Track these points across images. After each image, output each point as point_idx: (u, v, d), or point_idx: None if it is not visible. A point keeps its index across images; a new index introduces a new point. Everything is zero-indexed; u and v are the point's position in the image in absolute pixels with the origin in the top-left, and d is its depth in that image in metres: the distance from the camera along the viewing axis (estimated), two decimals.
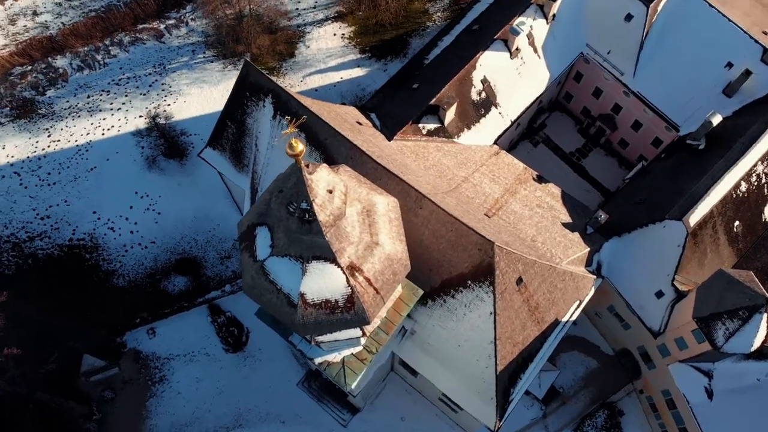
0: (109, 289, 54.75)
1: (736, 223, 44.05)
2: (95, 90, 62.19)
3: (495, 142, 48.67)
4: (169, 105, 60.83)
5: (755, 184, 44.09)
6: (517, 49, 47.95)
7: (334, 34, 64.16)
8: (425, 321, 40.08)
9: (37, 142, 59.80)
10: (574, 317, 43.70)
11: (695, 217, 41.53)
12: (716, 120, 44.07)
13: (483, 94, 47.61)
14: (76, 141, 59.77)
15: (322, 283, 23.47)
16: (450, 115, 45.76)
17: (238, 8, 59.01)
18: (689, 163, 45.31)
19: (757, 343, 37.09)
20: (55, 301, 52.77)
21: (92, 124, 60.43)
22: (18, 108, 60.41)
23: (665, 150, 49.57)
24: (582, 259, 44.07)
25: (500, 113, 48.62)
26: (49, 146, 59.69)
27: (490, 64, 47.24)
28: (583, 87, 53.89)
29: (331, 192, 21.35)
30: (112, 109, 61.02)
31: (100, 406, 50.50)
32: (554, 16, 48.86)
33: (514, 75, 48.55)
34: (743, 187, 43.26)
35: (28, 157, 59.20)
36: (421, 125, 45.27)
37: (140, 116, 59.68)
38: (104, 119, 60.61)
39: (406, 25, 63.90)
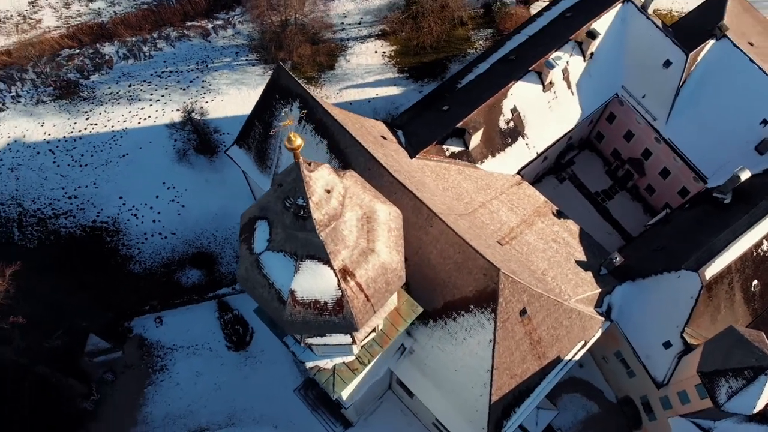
0: (124, 274, 55.67)
1: (755, 282, 43.03)
2: (137, 80, 63.82)
3: (518, 173, 48.51)
4: (206, 102, 62.06)
5: None
6: (550, 82, 47.95)
7: (375, 52, 64.93)
8: (425, 341, 39.88)
9: (75, 123, 61.46)
10: (577, 357, 43.01)
11: (712, 270, 40.70)
12: (745, 175, 43.33)
13: (511, 124, 47.61)
14: (112, 127, 61.29)
15: (313, 282, 23.62)
16: (475, 140, 45.83)
17: (284, 16, 60.17)
18: (713, 216, 44.54)
19: (761, 405, 36.00)
20: (70, 279, 53.82)
21: (130, 112, 61.93)
22: (61, 89, 62.26)
23: (690, 200, 48.82)
24: (592, 300, 43.48)
25: (527, 144, 48.52)
26: (85, 129, 61.29)
27: (521, 95, 47.28)
28: (615, 128, 53.53)
29: (329, 192, 21.57)
30: (151, 100, 62.48)
31: (99, 387, 51.15)
32: (592, 54, 48.78)
33: (545, 108, 48.48)
34: (765, 246, 42.30)
35: (64, 137, 60.85)
36: (445, 147, 45.41)
37: (177, 110, 60.94)
38: (142, 109, 62.08)
39: (447, 50, 64.37)
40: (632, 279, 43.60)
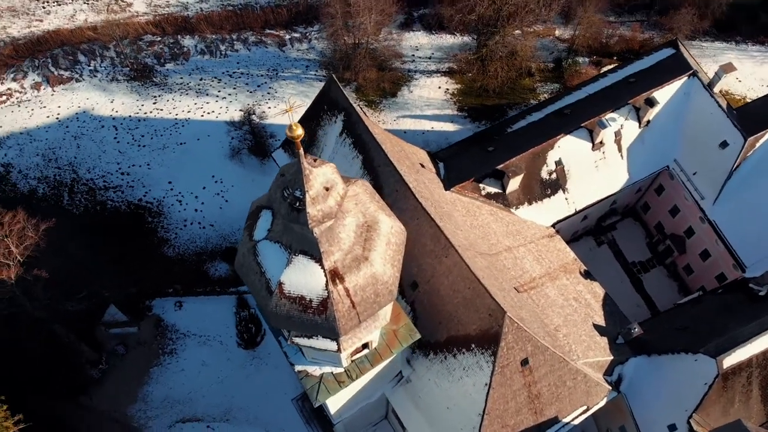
0: (157, 255, 57.38)
1: None
2: (209, 75, 66.45)
3: (553, 225, 47.99)
4: (269, 108, 63.94)
5: None
6: (601, 142, 47.57)
7: (439, 87, 65.79)
8: (423, 372, 39.56)
9: (142, 105, 64.29)
10: (576, 421, 41.70)
11: (731, 360, 39.07)
12: None
13: (553, 175, 47.32)
14: (176, 115, 63.79)
15: (302, 278, 23.96)
16: (513, 184, 45.72)
17: (357, 39, 61.78)
18: (744, 306, 42.91)
19: None
20: (104, 249, 55.81)
21: (195, 104, 64.38)
22: (136, 71, 65.39)
23: (725, 285, 47.16)
24: (602, 366, 42.26)
25: (566, 199, 48.06)
26: (151, 112, 63.99)
27: (569, 149, 47.05)
28: (662, 201, 52.42)
29: (327, 190, 21.98)
30: (217, 97, 64.85)
31: (109, 358, 52.43)
32: (648, 122, 48.23)
33: (591, 167, 48.03)
34: None
35: (130, 116, 63.66)
36: (482, 185, 45.46)
37: (240, 110, 62.98)
38: (207, 103, 64.47)
39: (510, 97, 64.65)
40: (648, 353, 42.23)
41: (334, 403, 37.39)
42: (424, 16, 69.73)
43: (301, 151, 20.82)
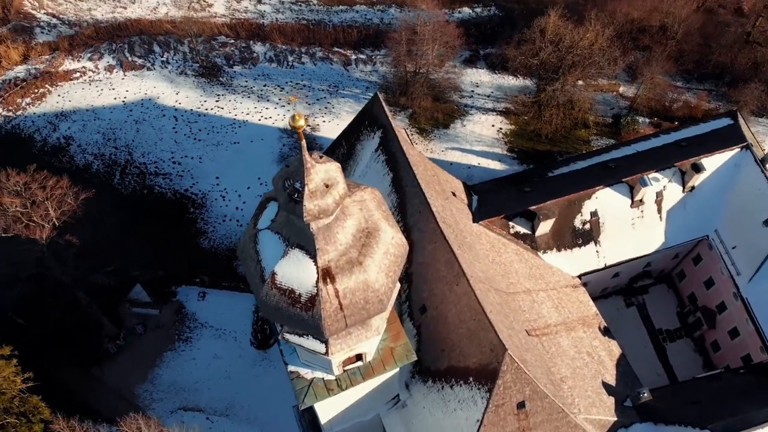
0: (192, 245, 59.00)
1: None
2: (273, 82, 68.56)
3: (579, 277, 47.17)
4: (324, 121, 65.42)
5: None
6: (641, 200, 46.74)
7: (493, 125, 65.95)
8: (419, 399, 39.20)
9: (205, 101, 66.74)
10: None
11: None
12: None
13: (587, 226, 46.66)
14: (235, 115, 65.92)
15: (295, 272, 24.35)
16: (544, 227, 45.29)
17: (418, 67, 62.77)
18: (764, 390, 41.05)
19: None
20: (142, 230, 57.76)
21: (255, 107, 66.45)
22: (205, 68, 68.09)
23: (750, 367, 45.23)
24: (604, 426, 40.87)
25: (597, 252, 47.25)
26: (212, 109, 66.35)
27: (606, 201, 46.39)
28: (698, 271, 50.86)
29: (327, 187, 22.43)
30: (277, 104, 66.77)
31: (127, 335, 53.89)
32: (693, 188, 47.16)
33: (627, 223, 47.16)
34: None
35: (191, 109, 66.16)
36: (511, 224, 45.21)
37: None
38: (266, 108, 66.43)
39: (562, 145, 64.25)
40: (655, 421, 40.68)
41: (325, 412, 37.37)
42: (489, 55, 70.35)
43: (303, 142, 21.42)
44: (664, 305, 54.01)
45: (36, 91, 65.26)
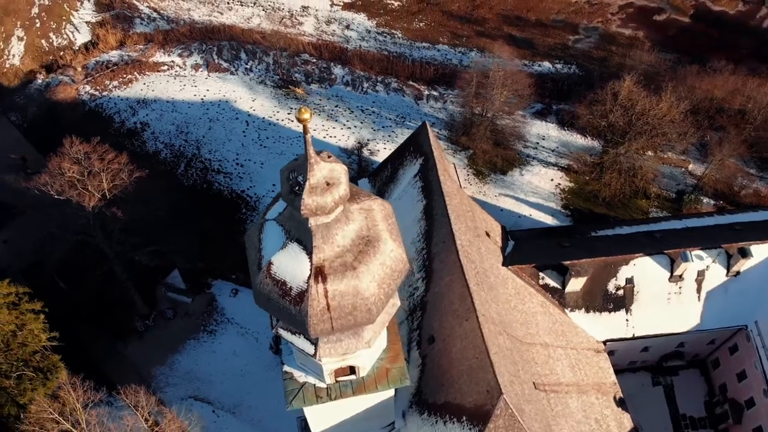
0: (237, 243, 60.68)
1: None
2: (344, 105, 70.54)
3: (605, 342, 45.82)
4: (384, 148, 66.59)
5: None
6: (680, 276, 45.18)
7: (551, 180, 65.42)
8: (413, 430, 38.76)
9: (278, 112, 69.32)
10: None
11: None
12: None
13: (620, 292, 45.43)
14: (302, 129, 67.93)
15: (289, 265, 24.91)
16: (575, 285, 44.39)
17: (485, 110, 63.28)
18: None
19: None
20: (192, 220, 60.01)
21: (323, 125, 68.44)
22: (284, 81, 70.86)
23: None
24: None
25: (627, 320, 45.84)
26: (282, 120, 68.81)
27: (644, 271, 45.09)
28: (733, 361, 48.38)
29: (328, 185, 23.02)
30: (344, 125, 68.56)
31: (157, 317, 55.75)
32: (737, 273, 45.28)
33: (663, 297, 45.62)
34: None
35: (263, 117, 68.82)
36: (542, 274, 44.58)
37: (357, 141, 66.25)
38: (333, 128, 68.31)
39: (619, 211, 62.94)
40: None
41: (317, 424, 37.46)
42: (561, 111, 70.15)
43: (308, 136, 22.17)
44: (692, 391, 51.52)
45: (124, 76, 69.53)
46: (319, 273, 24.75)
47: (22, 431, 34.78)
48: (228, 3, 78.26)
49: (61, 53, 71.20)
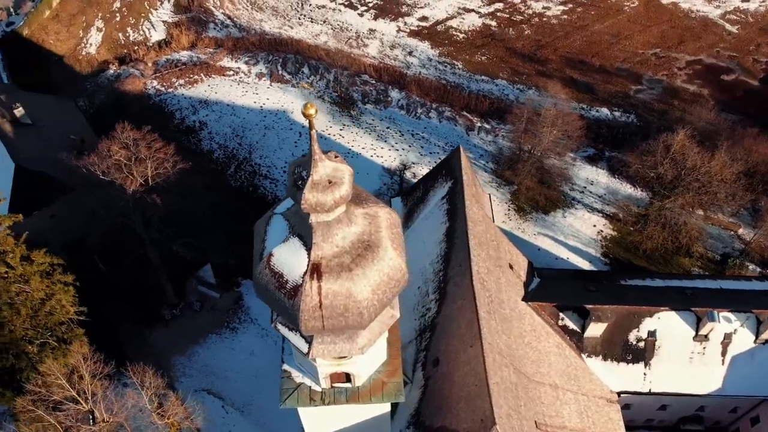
0: None
1: None
2: (395, 127, 71.56)
3: (619, 394, 44.58)
4: (427, 170, 66.99)
5: None
6: (705, 336, 43.70)
7: (594, 226, 64.44)
8: None
9: (330, 126, 70.92)
10: None
11: None
12: None
13: (641, 344, 44.22)
14: (351, 146, 69.36)
15: (288, 258, 25.47)
16: (594, 330, 43.49)
17: (533, 148, 63.11)
18: None
19: None
20: (232, 219, 61.64)
21: (371, 144, 69.60)
22: (341, 98, 72.52)
23: None
24: None
25: (644, 374, 44.50)
26: (334, 135, 70.30)
27: (668, 325, 43.83)
28: None
29: (330, 183, 23.56)
30: (392, 147, 69.49)
31: (184, 308, 57.26)
32: (766, 341, 43.49)
33: (685, 355, 44.15)
34: None
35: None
36: (561, 315, 43.90)
37: (402, 163, 67.02)
38: (382, 148, 69.34)
39: (659, 265, 61.34)
40: None
41: (310, 428, 37.70)
42: (613, 158, 69.23)
43: (314, 132, 22.82)
44: None
45: (191, 76, 72.55)
46: (315, 270, 25.26)
47: (29, 390, 36.23)
48: (299, 18, 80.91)
49: (135, 48, 75.00)
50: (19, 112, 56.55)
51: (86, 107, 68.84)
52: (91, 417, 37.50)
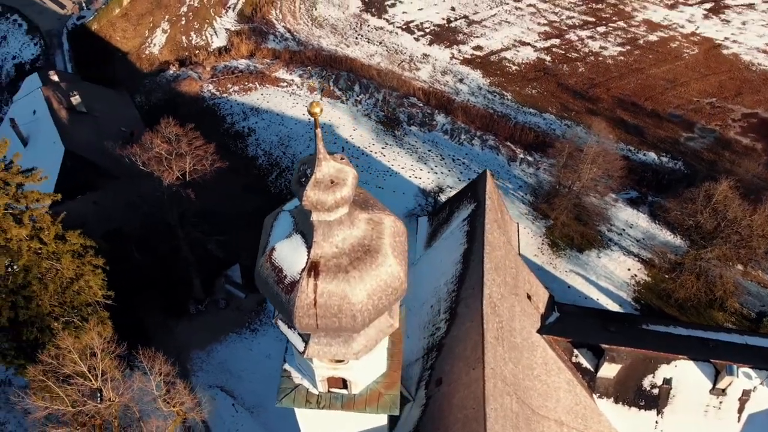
0: None
1: None
2: (437, 150, 72.14)
3: None
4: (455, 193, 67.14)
5: None
6: (723, 390, 42.20)
7: (628, 270, 63.25)
8: None
9: (373, 144, 71.98)
10: None
11: None
12: None
13: (655, 391, 43.01)
14: (391, 165, 70.22)
15: (289, 254, 26.07)
16: (608, 371, 42.53)
17: (572, 185, 62.56)
18: None
19: None
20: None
21: (411, 165, 70.27)
22: (387, 117, 73.58)
23: None
24: None
25: (656, 423, 43.20)
26: (375, 153, 71.31)
27: (685, 375, 42.48)
28: None
29: (332, 183, 24.12)
30: (431, 170, 70.03)
31: (210, 304, 58.60)
32: None
33: (700, 408, 42.67)
34: None
35: (359, 147, 71.66)
36: (576, 352, 43.12)
37: (438, 186, 67.32)
38: (421, 170, 69.97)
39: (691, 316, 59.67)
40: None
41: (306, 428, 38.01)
42: (655, 203, 68.01)
43: (319, 131, 23.49)
44: None
45: (246, 83, 74.88)
46: (313, 268, 25.81)
47: (41, 360, 37.61)
48: (356, 38, 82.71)
49: (196, 51, 77.95)
50: (75, 100, 59.40)
51: (142, 103, 71.76)
52: (99, 395, 38.63)
